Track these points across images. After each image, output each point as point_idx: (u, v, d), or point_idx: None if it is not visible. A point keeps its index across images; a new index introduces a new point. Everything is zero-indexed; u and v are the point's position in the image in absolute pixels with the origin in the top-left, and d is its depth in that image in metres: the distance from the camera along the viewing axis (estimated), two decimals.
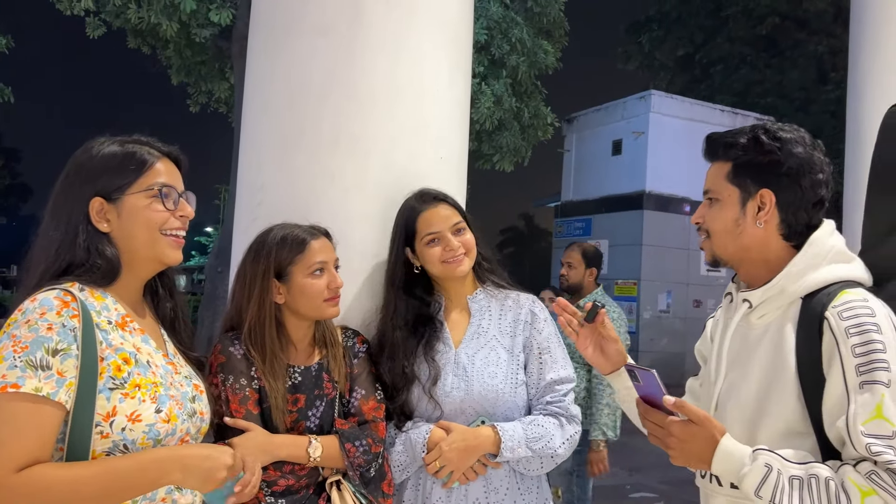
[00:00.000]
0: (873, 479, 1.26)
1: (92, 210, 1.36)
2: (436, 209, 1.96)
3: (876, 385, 1.29)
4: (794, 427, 1.41)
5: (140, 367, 1.33)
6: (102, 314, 1.32)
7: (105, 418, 1.26)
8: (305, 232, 1.82)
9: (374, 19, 2.07)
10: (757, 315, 1.52)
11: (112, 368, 1.28)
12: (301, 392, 1.80)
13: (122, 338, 1.33)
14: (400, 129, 2.10)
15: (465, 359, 1.94)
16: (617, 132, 15.49)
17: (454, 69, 2.26)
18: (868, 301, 1.37)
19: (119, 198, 1.37)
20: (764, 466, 1.33)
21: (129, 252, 1.39)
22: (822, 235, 1.48)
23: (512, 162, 11.74)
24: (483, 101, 10.29)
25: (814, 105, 18.68)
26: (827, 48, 18.72)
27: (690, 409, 1.41)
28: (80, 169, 1.38)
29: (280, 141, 2.12)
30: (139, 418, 1.28)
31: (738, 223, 1.51)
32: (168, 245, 1.41)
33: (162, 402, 1.33)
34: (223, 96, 11.68)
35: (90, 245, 1.34)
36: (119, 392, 1.27)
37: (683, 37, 21.17)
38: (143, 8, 9.36)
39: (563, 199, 17.22)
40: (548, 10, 11.55)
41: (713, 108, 15.96)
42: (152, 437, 1.30)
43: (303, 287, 1.78)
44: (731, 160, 1.53)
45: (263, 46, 2.22)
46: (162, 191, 1.40)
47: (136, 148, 1.41)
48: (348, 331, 1.96)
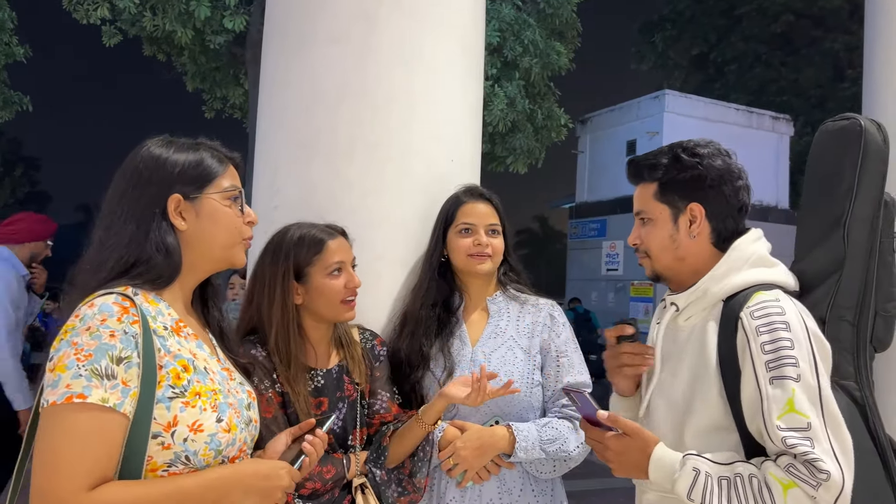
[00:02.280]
0: (791, 472, 1.32)
1: (170, 206, 1.31)
2: (478, 204, 2.02)
3: (785, 380, 1.36)
4: (718, 423, 1.46)
5: (199, 373, 1.28)
6: (158, 319, 1.27)
7: (166, 428, 1.20)
8: (322, 231, 1.82)
9: (387, 27, 2.09)
10: (683, 317, 1.59)
11: (171, 376, 1.23)
12: (324, 395, 1.80)
13: (179, 343, 1.28)
14: (414, 135, 2.11)
15: (481, 357, 1.95)
16: (631, 132, 15.41)
17: (467, 74, 2.27)
18: (780, 301, 1.43)
19: (198, 197, 1.34)
20: (692, 471, 1.40)
21: (199, 252, 1.35)
22: (746, 241, 1.56)
23: (525, 164, 11.73)
24: (496, 103, 10.29)
25: (830, 102, 18.50)
26: (843, 45, 18.54)
27: (623, 423, 1.50)
28: (153, 168, 1.33)
29: (295, 147, 2.14)
30: (201, 428, 1.23)
31: (673, 239, 1.58)
32: (242, 248, 1.41)
33: (222, 411, 1.28)
34: (238, 102, 11.76)
35: (161, 240, 1.30)
36: (180, 401, 1.22)
37: (697, 36, 21.05)
38: (158, 16, 9.44)
39: (577, 200, 17.15)
40: (560, 11, 11.53)
41: (728, 107, 15.85)
42: (214, 447, 1.25)
43: (321, 288, 1.77)
44: (657, 180, 1.60)
45: (278, 54, 2.24)
46: (238, 194, 1.40)
47: (210, 152, 1.39)
48: (366, 332, 1.96)
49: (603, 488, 6.30)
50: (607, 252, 15.58)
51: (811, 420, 1.34)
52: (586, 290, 15.68)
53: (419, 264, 2.09)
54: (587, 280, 16.06)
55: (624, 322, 1.69)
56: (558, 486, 2.01)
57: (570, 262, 17.19)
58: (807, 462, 1.31)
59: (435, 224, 2.06)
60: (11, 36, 10.93)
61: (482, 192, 2.07)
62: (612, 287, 15.33)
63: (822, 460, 1.31)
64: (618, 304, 15.02)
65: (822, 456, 1.31)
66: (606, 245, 15.61)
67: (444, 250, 2.03)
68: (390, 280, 2.07)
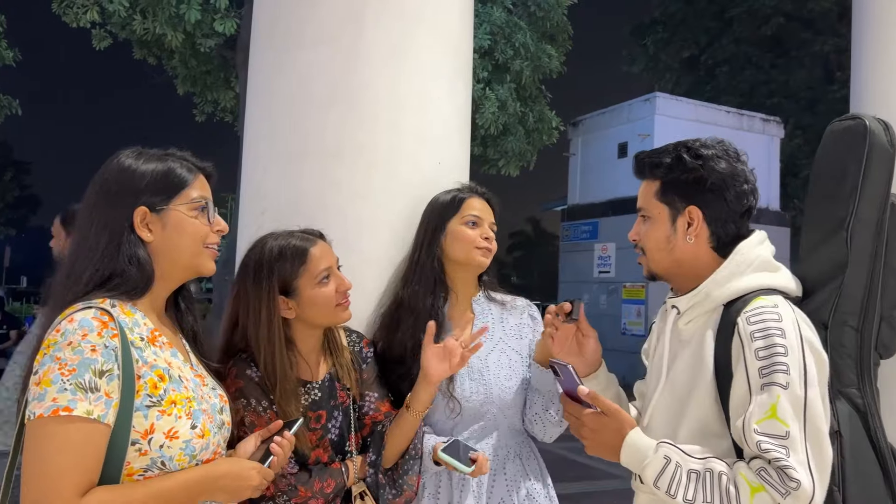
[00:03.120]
0: (762, 476, 1.31)
1: (136, 218, 1.36)
2: (482, 201, 2.04)
3: (773, 386, 1.34)
4: (710, 428, 1.45)
5: (174, 382, 1.33)
6: (135, 331, 1.32)
7: (143, 436, 1.26)
8: (302, 239, 1.76)
9: (375, 30, 2.08)
10: (684, 321, 1.57)
11: (149, 386, 1.28)
12: (322, 408, 1.78)
13: (155, 354, 1.33)
14: (402, 138, 2.11)
15: (478, 362, 1.94)
16: (623, 135, 15.45)
17: (455, 77, 2.26)
18: (778, 307, 1.41)
19: (164, 209, 1.38)
20: (663, 458, 1.39)
21: (168, 263, 1.40)
22: (749, 245, 1.52)
23: (517, 166, 11.75)
24: (487, 106, 10.31)
25: (820, 104, 18.61)
26: (833, 47, 18.66)
27: (602, 402, 1.50)
28: (123, 179, 1.38)
29: (283, 151, 2.13)
30: (176, 435, 1.29)
31: (669, 240, 1.56)
32: (208, 257, 1.45)
33: (196, 418, 1.34)
34: (229, 105, 11.74)
35: (131, 254, 1.34)
36: (156, 409, 1.28)
37: (688, 38, 21.15)
38: (148, 19, 9.41)
39: (569, 202, 17.18)
40: (551, 14, 11.57)
41: (719, 109, 15.91)
42: (189, 452, 1.31)
43: (313, 298, 1.72)
44: (658, 179, 1.58)
45: (265, 58, 2.23)
46: (206, 205, 1.43)
47: (179, 162, 1.43)
48: (353, 334, 1.93)
49: (596, 490, 6.31)
50: (599, 254, 15.61)
51: (791, 429, 1.32)
52: (578, 293, 15.69)
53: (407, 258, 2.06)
54: (579, 282, 16.08)
55: (567, 302, 1.74)
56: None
57: (563, 264, 17.20)
58: (779, 469, 1.30)
59: (426, 216, 2.03)
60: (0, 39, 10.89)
61: (484, 190, 2.08)
62: (605, 289, 15.35)
63: (794, 469, 1.29)
64: (610, 306, 15.04)
65: (795, 465, 1.30)
66: (598, 247, 15.64)
67: (441, 242, 1.99)
68: (378, 283, 2.06)
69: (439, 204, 2.03)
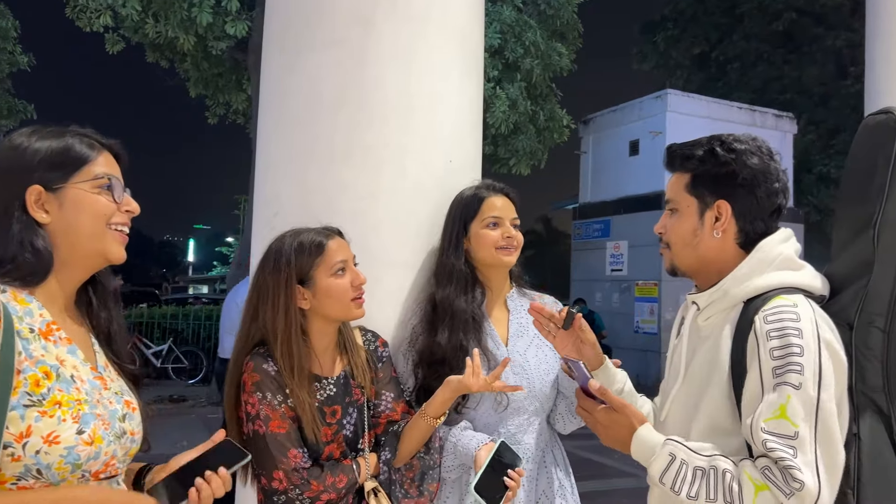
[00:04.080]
0: (766, 475, 1.30)
1: (29, 198, 1.22)
2: (501, 198, 2.06)
3: (785, 386, 1.33)
4: (722, 425, 1.45)
5: (62, 381, 1.19)
6: (25, 320, 1.19)
7: (18, 439, 1.11)
8: (320, 234, 1.82)
9: (384, 32, 2.10)
10: (703, 317, 1.56)
11: (30, 383, 1.14)
12: (337, 403, 1.81)
13: (45, 348, 1.19)
14: (412, 139, 2.12)
15: (519, 357, 1.99)
16: (634, 132, 15.40)
17: (465, 77, 2.27)
18: (797, 306, 1.39)
19: (61, 187, 1.25)
20: (668, 455, 1.40)
21: (68, 247, 1.26)
22: (772, 242, 1.50)
23: (528, 165, 11.74)
24: (498, 105, 10.30)
25: (834, 100, 18.48)
26: (845, 42, 18.50)
27: (611, 398, 1.52)
28: (12, 158, 1.25)
29: (294, 152, 2.15)
30: (57, 440, 1.14)
31: (695, 233, 1.55)
32: (114, 239, 1.30)
33: (85, 422, 1.18)
34: (241, 107, 11.80)
35: (23, 237, 1.21)
36: (35, 410, 1.13)
37: (699, 35, 21.04)
38: (160, 22, 9.48)
39: (581, 200, 17.14)
40: (561, 12, 11.55)
41: (731, 105, 15.82)
42: (71, 460, 1.15)
43: (328, 288, 1.77)
44: (689, 171, 1.57)
45: (276, 60, 2.25)
46: (110, 182, 1.29)
47: (77, 138, 1.30)
48: (367, 333, 1.97)
49: (610, 489, 6.30)
50: (611, 252, 15.56)
51: (800, 430, 1.30)
52: (591, 291, 15.66)
53: (427, 262, 2.11)
54: (591, 281, 16.04)
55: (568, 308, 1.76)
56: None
57: (575, 263, 17.16)
58: (784, 469, 1.29)
59: (450, 217, 2.07)
60: (15, 45, 11.02)
61: (502, 186, 2.09)
62: (617, 287, 15.30)
63: (799, 470, 1.28)
64: (623, 304, 15.00)
65: (801, 466, 1.28)
66: (611, 245, 15.59)
67: (466, 244, 2.03)
68: (390, 282, 2.08)
69: (461, 205, 2.06)
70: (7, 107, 10.95)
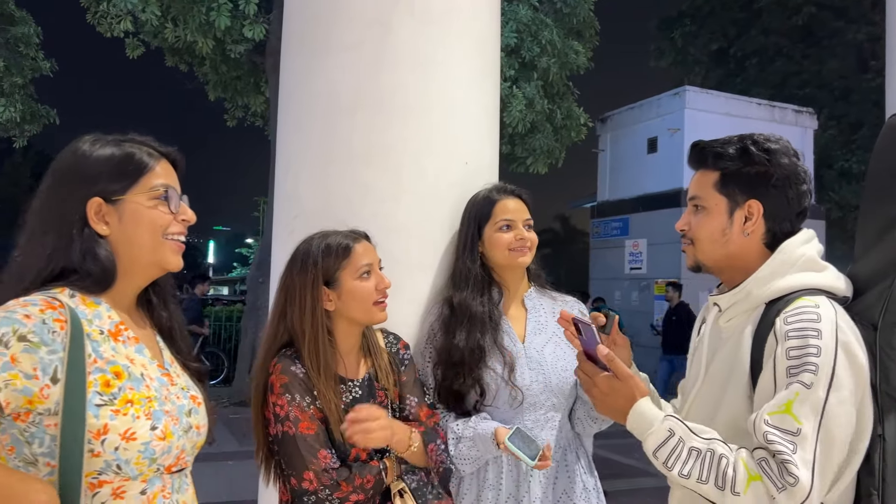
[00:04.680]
0: (762, 466, 1.30)
1: (90, 211, 1.25)
2: (513, 200, 2.07)
3: (796, 384, 1.32)
4: (743, 426, 1.43)
5: (133, 380, 1.23)
6: (94, 323, 1.23)
7: (95, 436, 1.16)
8: (347, 237, 1.84)
9: (402, 34, 2.11)
10: (725, 319, 1.55)
11: (100, 383, 1.18)
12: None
13: (115, 349, 1.24)
14: (430, 140, 2.13)
15: (535, 353, 2.00)
16: (652, 130, 15.32)
17: (482, 77, 2.28)
18: (819, 308, 1.38)
19: (119, 199, 1.27)
20: (667, 431, 1.39)
21: (128, 257, 1.29)
22: (794, 243, 1.50)
23: (546, 164, 11.69)
24: (515, 104, 10.28)
25: (855, 94, 18.27)
26: (866, 35, 18.29)
27: (618, 366, 1.50)
28: (74, 169, 1.27)
29: (314, 155, 2.17)
30: (133, 436, 1.19)
31: (724, 232, 1.54)
32: (170, 250, 1.33)
33: (157, 419, 1.23)
34: (259, 110, 11.87)
35: (86, 249, 1.24)
36: (109, 408, 1.18)
37: (717, 31, 20.89)
38: (179, 27, 9.57)
39: (599, 199, 17.07)
40: (577, 10, 11.50)
41: (750, 101, 15.68)
42: (148, 455, 1.21)
43: (353, 290, 1.80)
44: (720, 170, 1.55)
45: (295, 63, 2.28)
46: (167, 193, 1.32)
47: (136, 148, 1.32)
48: (389, 335, 1.98)
49: (632, 489, 6.28)
50: (630, 251, 15.49)
51: (803, 427, 1.30)
52: (610, 290, 15.59)
53: (444, 263, 2.13)
54: (610, 279, 15.97)
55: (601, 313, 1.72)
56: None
57: (593, 261, 17.10)
58: (781, 462, 1.29)
59: (465, 220, 2.09)
60: (38, 51, 11.15)
61: (513, 188, 2.11)
62: (636, 286, 15.23)
63: (796, 466, 1.28)
64: (642, 302, 14.92)
65: (798, 462, 1.28)
66: (629, 244, 15.52)
67: (480, 247, 2.06)
68: (410, 285, 2.09)
69: (475, 208, 2.08)
70: (30, 112, 11.08)
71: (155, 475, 1.25)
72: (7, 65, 10.55)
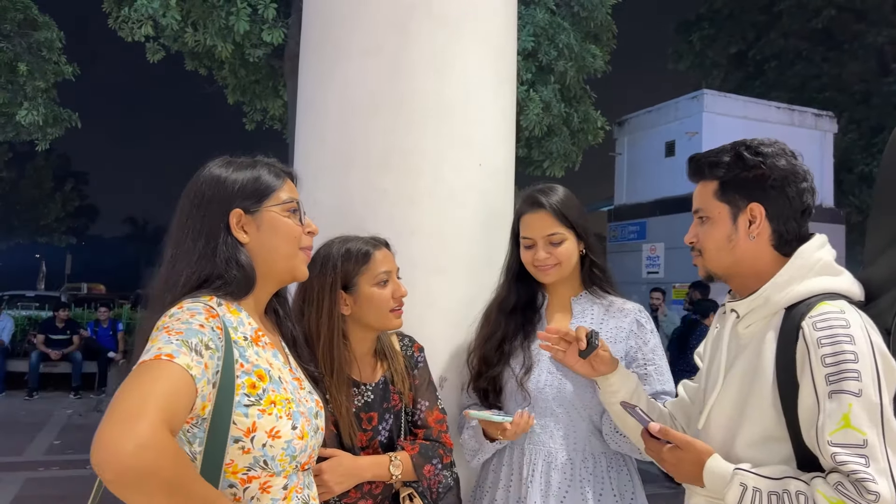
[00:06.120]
0: (840, 490, 1.29)
1: (232, 220, 1.37)
2: (535, 215, 2.00)
3: (843, 394, 1.31)
4: (771, 433, 1.43)
5: (273, 382, 1.32)
6: (239, 330, 1.32)
7: (246, 433, 1.25)
8: (368, 244, 1.86)
9: (420, 39, 2.13)
10: (744, 325, 1.55)
11: (247, 386, 1.27)
12: (374, 410, 1.84)
13: (257, 354, 1.33)
14: (448, 144, 2.15)
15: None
16: (670, 133, 15.22)
17: (499, 81, 2.29)
18: (845, 313, 1.38)
19: (258, 210, 1.40)
20: (739, 486, 1.39)
21: (265, 264, 1.40)
22: (810, 248, 1.50)
23: (562, 167, 11.68)
24: (532, 107, 10.28)
25: (875, 97, 18.04)
26: (887, 38, 18.06)
27: (673, 436, 1.53)
28: (215, 187, 1.39)
29: (332, 159, 2.19)
30: (278, 434, 1.28)
31: (730, 239, 1.55)
32: (302, 261, 1.46)
33: (296, 419, 1.33)
34: (277, 114, 11.96)
35: (229, 255, 1.35)
36: (256, 408, 1.27)
37: (735, 34, 20.72)
38: (199, 31, 9.66)
39: (616, 202, 16.99)
40: (595, 13, 11.47)
41: (769, 105, 15.54)
42: (290, 453, 1.30)
43: (370, 296, 1.82)
44: (717, 178, 1.57)
45: (314, 67, 2.30)
46: (297, 206, 1.45)
47: (265, 168, 1.44)
48: (405, 338, 2.00)
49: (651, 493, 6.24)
50: (648, 255, 15.40)
51: (868, 437, 1.29)
52: (627, 294, 15.26)
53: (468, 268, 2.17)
54: (628, 283, 15.88)
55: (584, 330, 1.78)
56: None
57: (610, 265, 16.97)
58: (857, 482, 1.27)
59: (513, 226, 2.11)
60: (60, 55, 11.32)
61: (537, 199, 2.00)
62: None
63: (872, 480, 1.26)
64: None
65: (874, 475, 1.26)
66: (647, 248, 15.43)
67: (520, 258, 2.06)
68: (425, 288, 2.10)
69: (514, 221, 2.10)
70: (53, 116, 11.24)
71: (293, 472, 1.34)
72: (30, 69, 10.70)
